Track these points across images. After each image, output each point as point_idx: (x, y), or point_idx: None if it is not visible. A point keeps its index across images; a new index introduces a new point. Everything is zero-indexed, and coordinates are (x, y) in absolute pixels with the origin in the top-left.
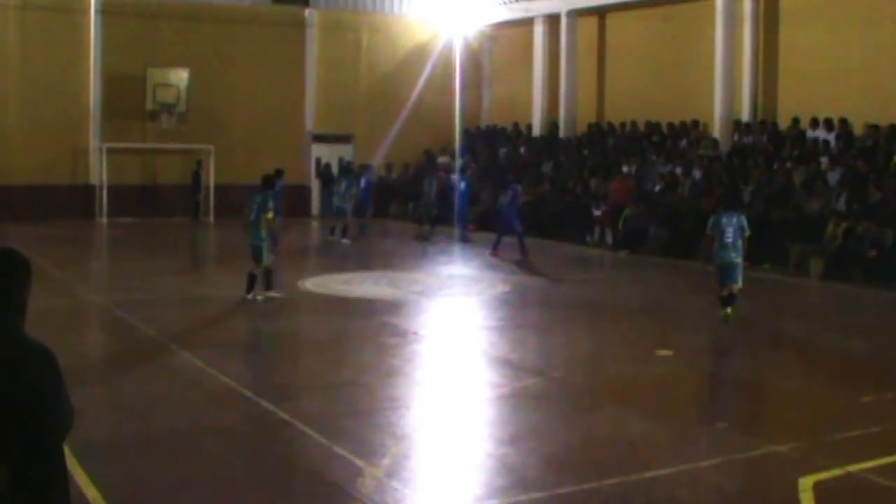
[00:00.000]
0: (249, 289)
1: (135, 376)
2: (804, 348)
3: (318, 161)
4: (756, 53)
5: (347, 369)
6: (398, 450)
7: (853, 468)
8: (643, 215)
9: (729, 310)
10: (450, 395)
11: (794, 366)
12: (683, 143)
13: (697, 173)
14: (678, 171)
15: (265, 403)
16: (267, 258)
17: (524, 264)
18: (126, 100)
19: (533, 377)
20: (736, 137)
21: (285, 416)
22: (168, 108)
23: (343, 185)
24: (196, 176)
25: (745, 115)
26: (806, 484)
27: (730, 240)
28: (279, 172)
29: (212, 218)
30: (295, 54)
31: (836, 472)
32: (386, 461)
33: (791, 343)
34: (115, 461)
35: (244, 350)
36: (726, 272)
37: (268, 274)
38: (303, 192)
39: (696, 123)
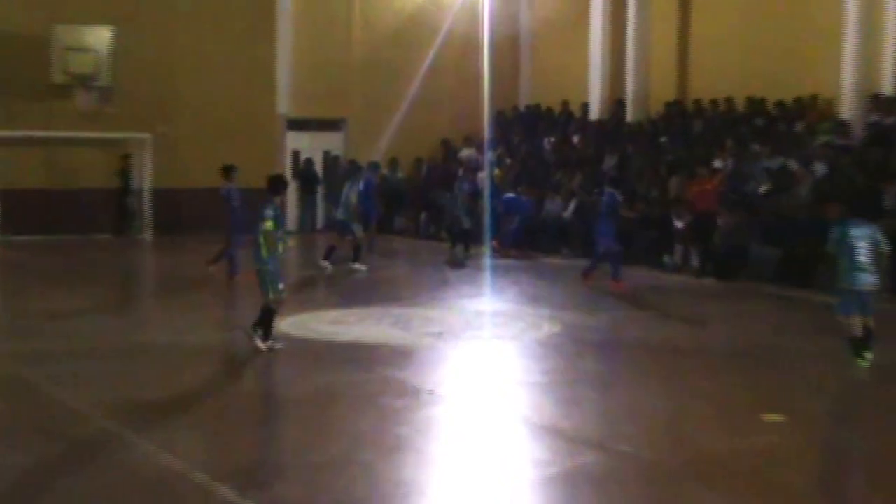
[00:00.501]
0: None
1: (41, 460)
2: None
3: (296, 156)
4: None
5: (338, 443)
6: None
7: None
8: (742, 228)
9: (868, 355)
10: (479, 478)
11: None
12: (799, 127)
13: (819, 168)
14: (792, 165)
15: (226, 493)
16: (272, 290)
17: (605, 293)
18: (23, 70)
19: (592, 452)
20: (874, 118)
21: None
22: (84, 81)
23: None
24: (124, 176)
25: (888, 87)
26: None
27: (864, 258)
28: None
29: (149, 235)
30: (262, 8)
31: None
32: None
33: None
34: None
35: (196, 419)
36: (859, 302)
37: (267, 313)
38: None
39: (815, 100)
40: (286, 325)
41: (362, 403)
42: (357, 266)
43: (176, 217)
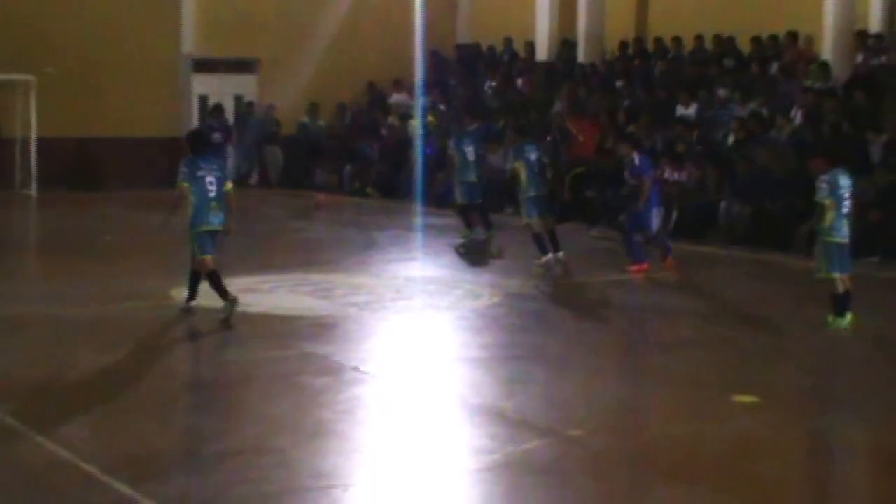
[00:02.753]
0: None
1: None
2: None
3: (204, 101)
4: None
5: (250, 428)
6: None
7: None
8: (709, 183)
9: (849, 316)
10: (410, 468)
11: None
12: (775, 68)
13: (798, 116)
14: (766, 112)
15: (117, 485)
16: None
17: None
18: None
19: (538, 437)
20: (860, 58)
21: None
22: None
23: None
24: None
25: (875, 24)
26: None
27: (847, 211)
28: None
29: (34, 190)
30: None
31: None
32: None
33: None
34: None
35: (83, 401)
36: (844, 257)
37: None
38: (178, 151)
39: (793, 37)
40: (183, 292)
41: (278, 383)
42: None
43: (66, 170)
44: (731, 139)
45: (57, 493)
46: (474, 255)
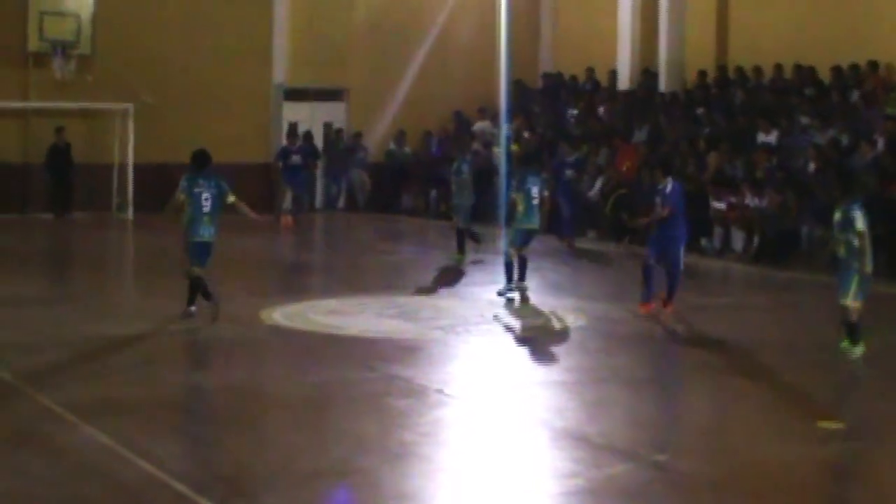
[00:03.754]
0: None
1: (8, 465)
2: None
3: (294, 128)
4: None
5: (335, 449)
6: None
7: None
8: (790, 209)
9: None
10: (493, 491)
11: None
12: (856, 96)
13: (879, 143)
14: (845, 139)
15: (206, 503)
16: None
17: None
18: (2, 36)
19: (623, 462)
20: None
21: None
22: (63, 48)
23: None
24: (57, 153)
25: None
26: None
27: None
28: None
29: (130, 214)
30: None
31: None
32: None
33: None
34: None
35: (175, 419)
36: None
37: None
38: (270, 176)
39: (874, 66)
40: (279, 315)
41: (363, 404)
42: None
43: (161, 194)
44: (811, 166)
45: None
46: (555, 282)
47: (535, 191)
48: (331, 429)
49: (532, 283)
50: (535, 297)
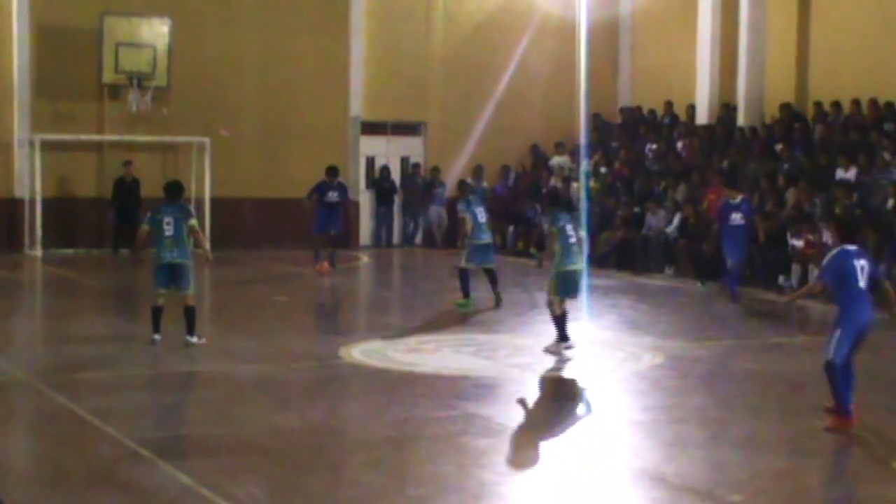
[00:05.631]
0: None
1: (84, 502)
2: None
3: (371, 163)
4: None
5: (414, 489)
6: None
7: None
8: (869, 248)
9: None
10: None
11: None
12: None
13: None
14: None
15: None
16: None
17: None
18: (72, 67)
19: (699, 502)
20: None
21: None
22: (139, 80)
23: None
24: (123, 187)
25: None
26: None
27: None
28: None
29: (208, 246)
30: (336, 6)
31: None
32: None
33: None
34: None
35: (258, 460)
36: None
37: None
38: (347, 212)
39: None
40: (357, 352)
41: (442, 444)
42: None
43: (235, 229)
44: (890, 203)
45: None
46: (632, 319)
47: (569, 228)
48: (410, 469)
49: (609, 320)
50: (614, 335)
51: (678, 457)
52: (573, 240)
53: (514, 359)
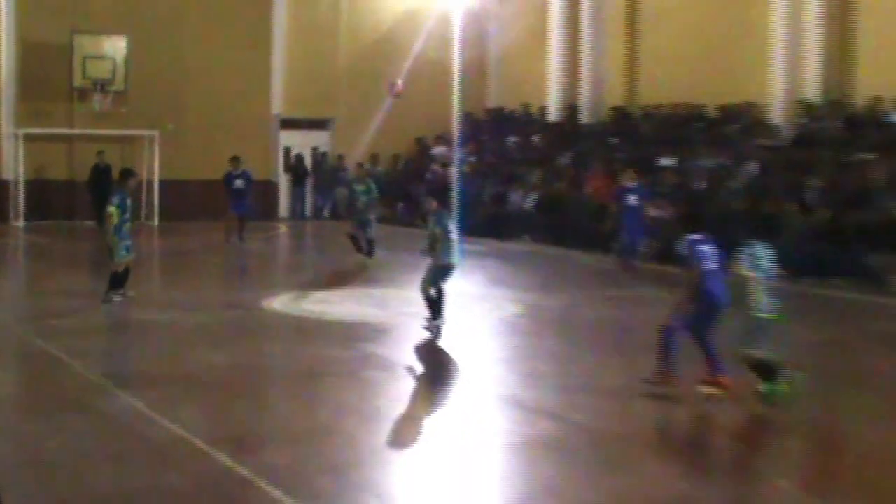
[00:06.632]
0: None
1: (60, 426)
2: (889, 387)
3: (288, 152)
4: (826, 19)
5: (323, 413)
6: None
7: None
8: (678, 220)
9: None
10: (447, 445)
11: (876, 409)
12: (732, 130)
13: (752, 167)
14: (726, 163)
15: (221, 457)
16: (116, 258)
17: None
18: (48, 75)
19: (550, 421)
20: (799, 122)
21: (246, 472)
22: (101, 85)
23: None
24: (98, 172)
25: (811, 94)
26: None
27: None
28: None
29: (156, 221)
30: (259, 21)
31: None
32: None
33: (872, 380)
34: None
35: (196, 390)
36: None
37: (113, 276)
38: (269, 190)
39: (749, 106)
40: (277, 303)
41: (344, 377)
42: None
43: (180, 205)
44: (702, 185)
45: (174, 462)
46: (497, 277)
47: (451, 227)
48: (319, 397)
49: (478, 277)
50: (481, 290)
51: (533, 386)
52: (454, 237)
53: (404, 309)
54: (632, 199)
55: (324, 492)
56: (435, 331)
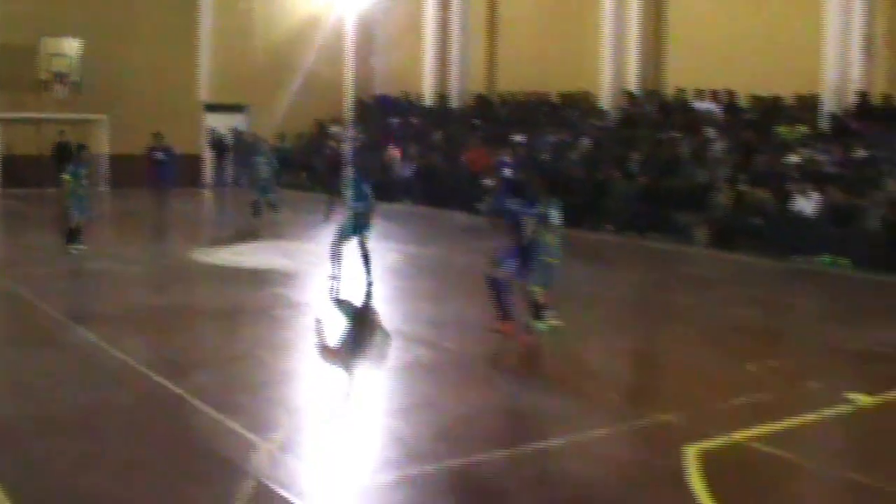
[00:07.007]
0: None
1: (32, 354)
2: (691, 318)
3: (212, 131)
4: (644, 23)
5: (241, 343)
6: (292, 424)
7: (737, 436)
8: (536, 184)
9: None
10: (343, 368)
11: (682, 336)
12: (573, 113)
13: (586, 142)
14: (565, 139)
15: (159, 379)
16: (71, 219)
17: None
18: (20, 70)
19: (426, 349)
20: (624, 107)
21: (179, 391)
22: (61, 77)
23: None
24: (62, 147)
25: (633, 86)
26: (691, 452)
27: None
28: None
29: (106, 187)
30: (189, 25)
31: (721, 440)
32: (279, 436)
33: (678, 313)
34: (8, 445)
35: (139, 325)
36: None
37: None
38: (196, 163)
39: (585, 93)
40: (202, 254)
41: (258, 314)
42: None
43: (128, 176)
44: (547, 157)
45: (123, 383)
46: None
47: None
48: (237, 330)
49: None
50: (371, 242)
51: (413, 320)
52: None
53: (307, 258)
54: (507, 171)
55: (242, 406)
56: (336, 280)
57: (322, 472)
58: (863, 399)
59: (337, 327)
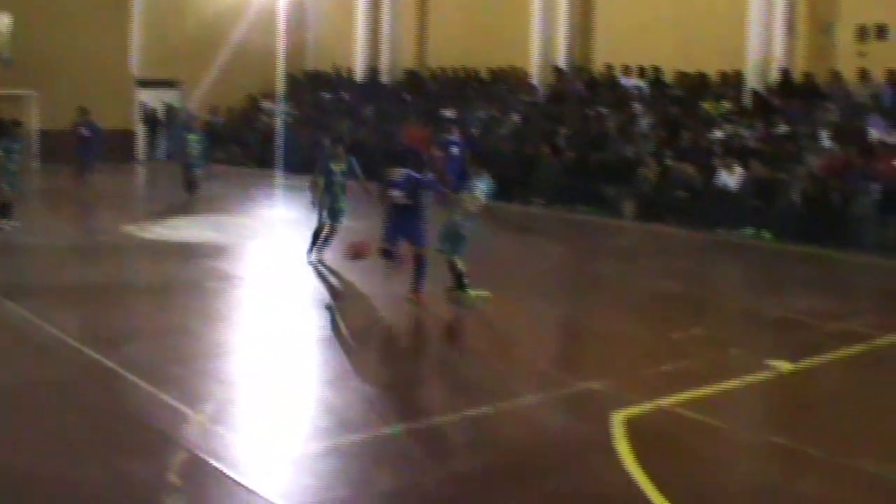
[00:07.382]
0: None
1: None
2: (618, 288)
3: (144, 106)
4: (572, 1)
5: (173, 315)
6: (223, 395)
7: (663, 402)
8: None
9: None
10: (274, 339)
11: (608, 305)
12: (501, 89)
13: (516, 117)
14: (495, 115)
15: (91, 353)
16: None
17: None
18: None
19: (356, 319)
20: (553, 83)
21: (111, 364)
22: None
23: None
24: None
25: (562, 62)
26: (618, 418)
27: None
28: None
29: (37, 164)
30: (121, 1)
31: (647, 406)
32: (211, 407)
33: (605, 283)
34: None
35: (70, 298)
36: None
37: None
38: (128, 138)
39: (514, 69)
40: (134, 228)
41: (190, 286)
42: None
43: (57, 151)
44: (477, 132)
45: (54, 357)
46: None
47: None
48: (170, 302)
49: (298, 206)
50: (302, 216)
51: (342, 292)
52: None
53: (239, 232)
54: (455, 149)
55: (175, 378)
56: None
57: (254, 443)
58: (783, 366)
59: (266, 297)
